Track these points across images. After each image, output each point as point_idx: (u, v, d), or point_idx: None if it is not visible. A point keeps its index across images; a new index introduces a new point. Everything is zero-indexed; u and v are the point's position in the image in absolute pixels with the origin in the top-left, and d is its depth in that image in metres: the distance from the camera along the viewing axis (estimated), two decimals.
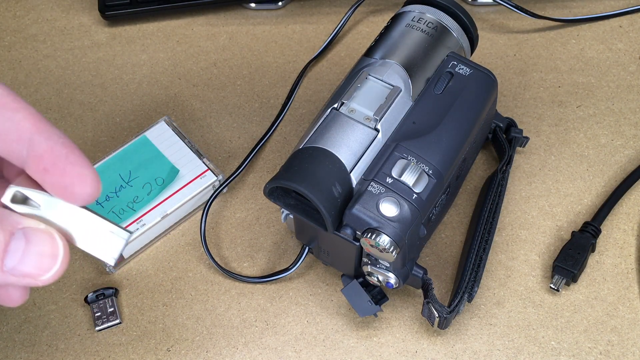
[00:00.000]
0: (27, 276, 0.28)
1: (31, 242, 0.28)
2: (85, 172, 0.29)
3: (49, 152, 0.28)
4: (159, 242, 0.53)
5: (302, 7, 0.65)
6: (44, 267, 0.28)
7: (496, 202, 0.49)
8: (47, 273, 0.29)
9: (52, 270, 0.29)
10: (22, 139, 0.29)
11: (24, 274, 0.28)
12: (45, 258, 0.28)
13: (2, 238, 0.27)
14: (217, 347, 0.48)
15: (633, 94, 0.58)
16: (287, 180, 0.41)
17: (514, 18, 0.63)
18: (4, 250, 0.27)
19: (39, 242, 0.28)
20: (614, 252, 0.51)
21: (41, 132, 0.29)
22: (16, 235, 0.28)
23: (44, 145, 0.29)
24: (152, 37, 0.64)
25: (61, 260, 0.29)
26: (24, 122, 0.29)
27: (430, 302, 0.45)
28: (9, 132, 0.29)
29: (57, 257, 0.29)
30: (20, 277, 0.28)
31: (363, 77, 0.46)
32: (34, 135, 0.29)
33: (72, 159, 0.28)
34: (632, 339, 0.47)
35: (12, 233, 0.28)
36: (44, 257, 0.28)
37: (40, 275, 0.29)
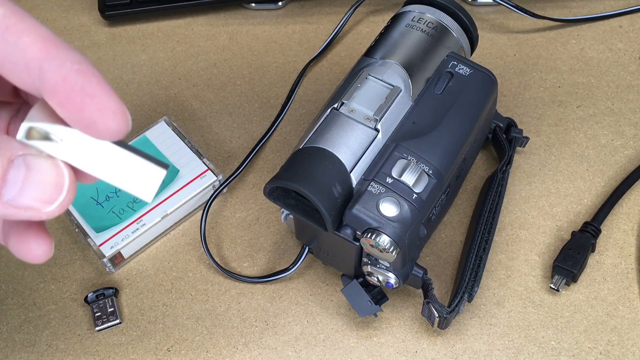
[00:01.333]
0: (28, 208, 0.25)
1: (32, 170, 0.25)
2: (107, 104, 0.24)
3: (62, 84, 0.24)
4: (159, 242, 0.53)
5: (302, 7, 0.65)
6: (48, 198, 0.25)
7: (496, 202, 0.49)
8: (50, 205, 0.26)
9: (57, 201, 0.26)
10: (31, 68, 0.25)
11: (25, 206, 0.25)
12: (49, 188, 0.25)
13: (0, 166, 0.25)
14: (217, 347, 0.48)
15: (633, 94, 0.58)
16: (287, 180, 0.41)
17: (514, 18, 0.63)
18: (2, 178, 0.25)
19: (41, 170, 0.25)
20: (614, 252, 0.51)
21: (51, 58, 0.24)
22: (15, 163, 0.25)
23: (56, 76, 0.24)
24: (152, 37, 0.64)
25: (66, 190, 0.26)
26: (31, 47, 0.24)
27: (430, 302, 0.45)
28: (16, 61, 0.25)
29: (62, 187, 0.26)
30: (22, 210, 0.25)
31: (363, 77, 0.46)
32: (43, 64, 0.24)
33: (90, 90, 0.24)
34: (632, 339, 0.47)
35: (10, 160, 0.25)
36: (47, 186, 0.25)
37: (43, 207, 0.25)
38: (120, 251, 0.50)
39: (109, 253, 0.50)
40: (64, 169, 0.26)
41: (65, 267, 0.51)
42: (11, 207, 0.25)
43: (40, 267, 0.51)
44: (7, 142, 0.25)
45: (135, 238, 0.50)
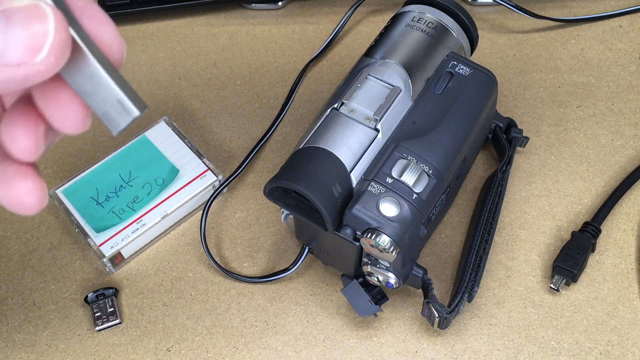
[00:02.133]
0: (20, 64, 0.23)
1: (11, 18, 0.23)
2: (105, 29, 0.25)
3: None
4: (159, 242, 0.53)
5: (302, 7, 0.65)
6: (35, 46, 0.23)
7: (496, 202, 0.49)
8: (40, 52, 0.23)
9: (45, 46, 0.23)
10: None
11: (14, 61, 0.23)
12: (35, 36, 0.23)
13: None
14: (217, 347, 0.48)
15: (633, 94, 0.58)
16: (287, 180, 0.41)
17: (514, 18, 0.63)
18: None
19: (20, 15, 0.23)
20: (614, 252, 0.51)
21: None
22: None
23: None
24: (152, 37, 0.64)
25: (51, 29, 0.23)
26: None
27: (430, 302, 0.44)
28: None
29: (48, 32, 0.23)
30: (14, 68, 0.23)
31: (363, 77, 0.46)
32: None
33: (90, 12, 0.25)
34: (632, 339, 0.47)
35: None
36: (33, 35, 0.23)
37: (33, 56, 0.23)
38: (120, 251, 0.50)
39: (109, 253, 0.50)
40: (45, 7, 0.23)
41: (65, 267, 0.51)
42: (2, 68, 0.23)
43: (41, 267, 0.51)
44: None
45: (135, 238, 0.50)
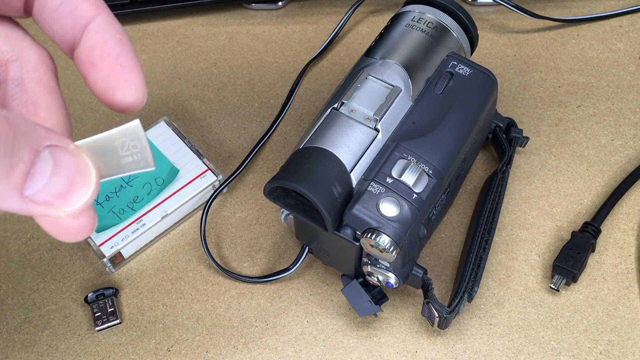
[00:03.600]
0: (49, 205, 0.23)
1: (60, 164, 0.23)
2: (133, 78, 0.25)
3: (102, 46, 0.25)
4: (159, 242, 0.53)
5: (302, 7, 0.65)
6: (72, 197, 0.23)
7: (496, 202, 0.49)
8: (74, 204, 0.23)
9: (81, 201, 0.23)
10: (78, 24, 0.25)
11: (47, 202, 0.23)
12: (75, 186, 0.23)
13: (27, 156, 0.22)
14: (217, 347, 0.48)
15: (633, 94, 0.58)
16: (287, 180, 0.41)
17: (514, 18, 0.63)
18: (27, 172, 0.22)
19: (69, 165, 0.23)
20: (614, 252, 0.51)
21: (99, 21, 0.25)
22: (42, 155, 0.22)
23: (99, 37, 0.25)
24: (152, 37, 0.64)
25: (92, 190, 0.24)
26: (84, 5, 0.25)
27: (430, 302, 0.45)
28: (65, 15, 0.25)
29: (89, 187, 0.23)
30: (41, 206, 0.23)
31: (363, 77, 0.46)
32: (91, 23, 0.25)
33: (123, 60, 0.25)
34: (632, 339, 0.47)
35: (37, 152, 0.22)
36: (74, 184, 0.23)
37: (65, 206, 0.23)
38: (120, 251, 0.50)
39: (109, 253, 0.50)
40: (91, 165, 0.24)
41: (65, 267, 0.51)
42: (31, 203, 0.23)
43: (40, 267, 0.51)
44: (34, 130, 0.22)
45: (135, 238, 0.50)
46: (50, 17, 0.26)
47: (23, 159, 0.22)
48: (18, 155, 0.22)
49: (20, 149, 0.22)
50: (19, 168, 0.22)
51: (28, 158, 0.22)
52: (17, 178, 0.22)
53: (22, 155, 0.22)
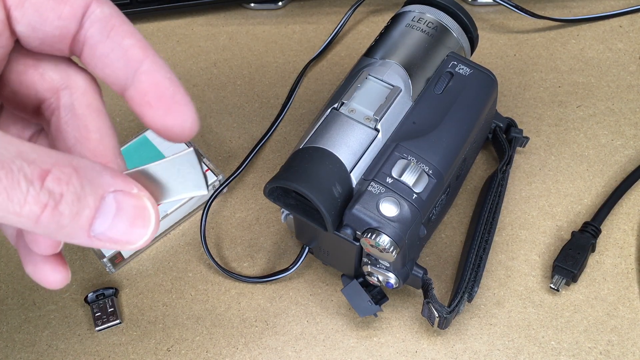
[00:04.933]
0: (114, 242, 0.26)
1: (122, 208, 0.26)
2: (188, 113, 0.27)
3: (155, 87, 0.27)
4: (159, 242, 0.53)
5: (302, 7, 0.65)
6: (134, 236, 0.26)
7: (496, 202, 0.49)
8: (136, 242, 0.26)
9: (142, 239, 0.26)
10: (130, 67, 0.27)
11: (112, 240, 0.26)
12: (136, 227, 0.26)
13: (92, 203, 0.25)
14: (217, 347, 0.48)
15: (633, 94, 0.58)
16: (287, 180, 0.41)
17: (514, 18, 0.63)
18: (92, 217, 0.25)
19: (130, 208, 0.26)
20: (614, 252, 0.51)
21: (149, 63, 0.27)
22: (107, 200, 0.25)
23: (152, 79, 0.27)
24: (152, 37, 0.64)
25: (152, 230, 0.26)
26: (133, 49, 0.27)
27: (430, 302, 0.45)
28: (117, 60, 0.27)
29: (149, 225, 0.26)
30: (107, 243, 0.26)
31: (363, 77, 0.46)
32: (141, 66, 0.27)
33: (178, 99, 0.27)
34: (632, 339, 0.47)
35: (102, 197, 0.25)
36: (135, 225, 0.26)
37: (128, 244, 0.26)
38: (120, 251, 0.50)
39: (109, 253, 0.50)
40: (150, 207, 0.26)
41: None
42: (97, 240, 0.25)
43: None
44: (99, 177, 0.25)
45: None
46: (102, 62, 0.28)
47: (88, 205, 0.24)
48: (84, 201, 0.24)
49: (87, 196, 0.24)
50: (85, 213, 0.24)
51: (93, 204, 0.25)
52: (84, 222, 0.25)
53: (87, 201, 0.24)
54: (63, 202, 0.24)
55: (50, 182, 0.23)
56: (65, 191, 0.24)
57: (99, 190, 0.25)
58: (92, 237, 0.25)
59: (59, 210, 0.24)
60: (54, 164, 0.24)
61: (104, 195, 0.25)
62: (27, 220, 0.23)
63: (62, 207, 0.24)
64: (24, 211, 0.23)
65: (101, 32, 0.27)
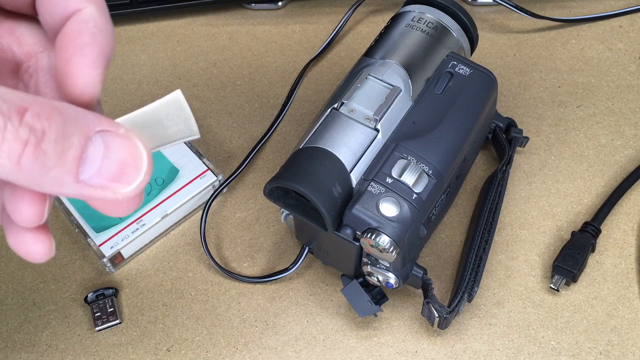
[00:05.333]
0: (105, 188, 0.24)
1: (111, 149, 0.24)
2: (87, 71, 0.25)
3: (73, 34, 0.25)
4: (159, 242, 0.53)
5: (302, 7, 0.65)
6: (126, 178, 0.24)
7: (496, 202, 0.49)
8: (129, 185, 0.24)
9: (135, 182, 0.24)
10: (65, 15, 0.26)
11: (103, 186, 0.24)
12: (128, 168, 0.24)
13: (77, 143, 0.23)
14: (217, 347, 0.48)
15: (633, 94, 0.58)
16: (287, 180, 0.41)
17: (514, 18, 0.63)
18: (79, 157, 0.23)
19: (120, 148, 0.24)
20: (614, 252, 0.51)
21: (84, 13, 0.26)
22: (93, 140, 0.23)
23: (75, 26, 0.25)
24: (152, 37, 0.64)
25: (145, 170, 0.24)
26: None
27: (430, 302, 0.44)
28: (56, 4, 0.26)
29: (141, 167, 0.24)
30: (99, 189, 0.24)
31: (363, 77, 0.46)
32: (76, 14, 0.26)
33: (86, 51, 0.25)
34: (632, 339, 0.47)
35: (88, 137, 0.23)
36: (126, 166, 0.24)
37: (120, 187, 0.24)
38: (120, 251, 0.50)
39: (109, 253, 0.50)
40: (141, 147, 0.24)
41: (65, 267, 0.51)
42: (87, 187, 0.24)
43: (40, 267, 0.51)
44: (83, 117, 0.23)
45: (135, 238, 0.50)
46: (44, 6, 0.27)
47: (74, 144, 0.23)
48: (69, 140, 0.22)
49: (71, 135, 0.23)
50: (70, 153, 0.23)
51: (79, 143, 0.23)
52: (70, 163, 0.23)
53: (72, 140, 0.23)
54: (46, 139, 0.22)
55: (29, 117, 0.22)
56: (47, 128, 0.22)
57: (83, 129, 0.23)
58: (81, 182, 0.23)
59: (41, 149, 0.22)
60: (33, 102, 0.22)
61: (90, 134, 0.23)
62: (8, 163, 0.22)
63: (45, 145, 0.22)
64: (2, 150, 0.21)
65: None
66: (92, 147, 0.23)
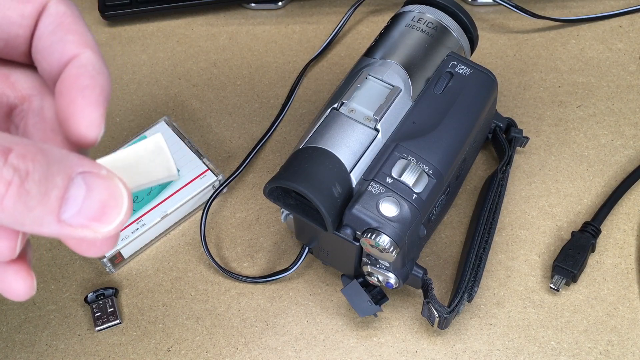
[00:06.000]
0: (85, 227, 0.24)
1: (92, 189, 0.24)
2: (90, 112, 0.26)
3: (72, 78, 0.26)
4: (159, 242, 0.53)
5: (302, 7, 0.65)
6: (107, 218, 0.24)
7: (496, 202, 0.49)
8: (109, 225, 0.25)
9: (116, 221, 0.25)
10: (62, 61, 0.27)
11: (83, 225, 0.24)
12: (108, 208, 0.24)
13: (61, 183, 0.23)
14: (217, 347, 0.48)
15: (633, 94, 0.58)
16: (287, 180, 0.41)
17: (514, 18, 0.63)
18: (61, 197, 0.23)
19: (101, 189, 0.24)
20: (614, 252, 0.51)
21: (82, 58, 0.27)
22: (75, 182, 0.24)
23: (74, 71, 0.26)
24: (152, 37, 0.64)
25: (125, 210, 0.25)
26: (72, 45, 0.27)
27: (430, 302, 0.44)
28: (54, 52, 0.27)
29: (121, 207, 0.25)
30: (79, 228, 0.24)
31: (363, 77, 0.46)
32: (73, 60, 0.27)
33: (87, 93, 0.26)
34: (632, 339, 0.47)
35: (71, 178, 0.24)
36: (107, 206, 0.24)
37: (101, 227, 0.25)
38: (120, 251, 0.50)
39: (109, 253, 0.50)
40: (122, 188, 0.25)
41: (65, 267, 0.51)
42: (68, 226, 0.24)
43: (41, 267, 0.51)
44: (66, 158, 0.24)
45: (135, 238, 0.50)
46: (41, 54, 0.27)
47: (57, 185, 0.23)
48: (52, 181, 0.23)
49: (54, 176, 0.23)
50: (53, 193, 0.23)
51: (62, 184, 0.23)
52: (53, 203, 0.23)
53: (55, 181, 0.23)
54: (30, 179, 0.22)
55: (14, 158, 0.22)
56: (31, 168, 0.22)
57: (67, 170, 0.24)
58: (62, 221, 0.24)
59: (25, 189, 0.22)
60: (18, 143, 0.22)
61: (72, 175, 0.24)
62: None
63: (28, 185, 0.22)
64: None
65: (48, 27, 0.27)
66: (74, 187, 0.24)
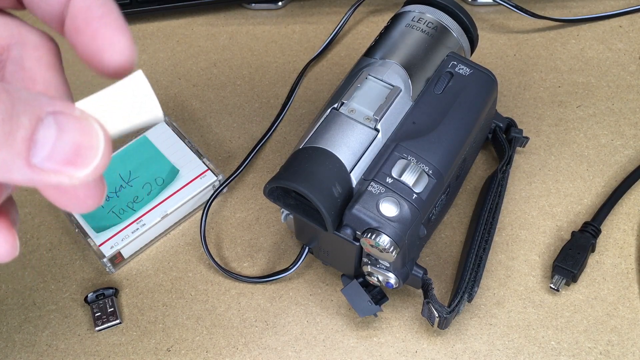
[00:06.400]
0: (59, 172, 0.22)
1: (64, 130, 0.22)
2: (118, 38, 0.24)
3: (85, 11, 0.25)
4: (159, 242, 0.53)
5: (302, 7, 0.65)
6: (82, 161, 0.22)
7: (496, 202, 0.49)
8: (85, 168, 0.23)
9: (92, 164, 0.23)
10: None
11: (56, 170, 0.22)
12: (82, 149, 0.22)
13: (27, 123, 0.21)
14: (217, 347, 0.48)
15: (633, 94, 0.58)
16: (287, 180, 0.41)
17: (514, 18, 0.63)
18: (28, 138, 0.21)
19: (74, 130, 0.22)
20: (614, 252, 0.51)
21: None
22: (45, 122, 0.22)
23: (82, 3, 0.25)
24: (152, 37, 0.64)
25: (102, 152, 0.23)
26: None
27: (430, 302, 0.45)
28: None
29: (98, 149, 0.23)
30: (52, 174, 0.22)
31: (363, 77, 0.46)
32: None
33: (107, 20, 0.24)
34: (632, 339, 0.47)
35: (40, 119, 0.22)
36: (81, 148, 0.22)
37: (76, 171, 0.22)
38: (120, 251, 0.50)
39: (109, 253, 0.50)
40: (98, 128, 0.23)
41: (65, 267, 0.51)
42: (40, 171, 0.22)
43: (40, 267, 0.51)
44: (34, 99, 0.22)
45: (135, 238, 0.50)
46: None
47: (23, 125, 0.21)
48: (17, 121, 0.21)
49: (20, 115, 0.21)
50: (19, 134, 0.21)
51: (28, 124, 0.22)
52: (19, 145, 0.21)
53: (21, 121, 0.21)
54: None
55: None
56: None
57: (35, 109, 0.22)
58: (32, 166, 0.22)
59: None
60: None
61: (41, 115, 0.22)
62: None
63: None
64: None
65: None
66: (44, 129, 0.22)
